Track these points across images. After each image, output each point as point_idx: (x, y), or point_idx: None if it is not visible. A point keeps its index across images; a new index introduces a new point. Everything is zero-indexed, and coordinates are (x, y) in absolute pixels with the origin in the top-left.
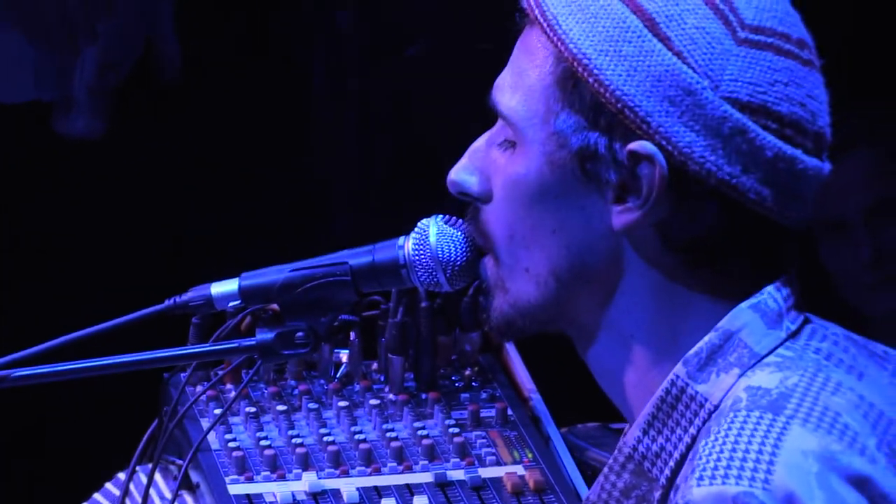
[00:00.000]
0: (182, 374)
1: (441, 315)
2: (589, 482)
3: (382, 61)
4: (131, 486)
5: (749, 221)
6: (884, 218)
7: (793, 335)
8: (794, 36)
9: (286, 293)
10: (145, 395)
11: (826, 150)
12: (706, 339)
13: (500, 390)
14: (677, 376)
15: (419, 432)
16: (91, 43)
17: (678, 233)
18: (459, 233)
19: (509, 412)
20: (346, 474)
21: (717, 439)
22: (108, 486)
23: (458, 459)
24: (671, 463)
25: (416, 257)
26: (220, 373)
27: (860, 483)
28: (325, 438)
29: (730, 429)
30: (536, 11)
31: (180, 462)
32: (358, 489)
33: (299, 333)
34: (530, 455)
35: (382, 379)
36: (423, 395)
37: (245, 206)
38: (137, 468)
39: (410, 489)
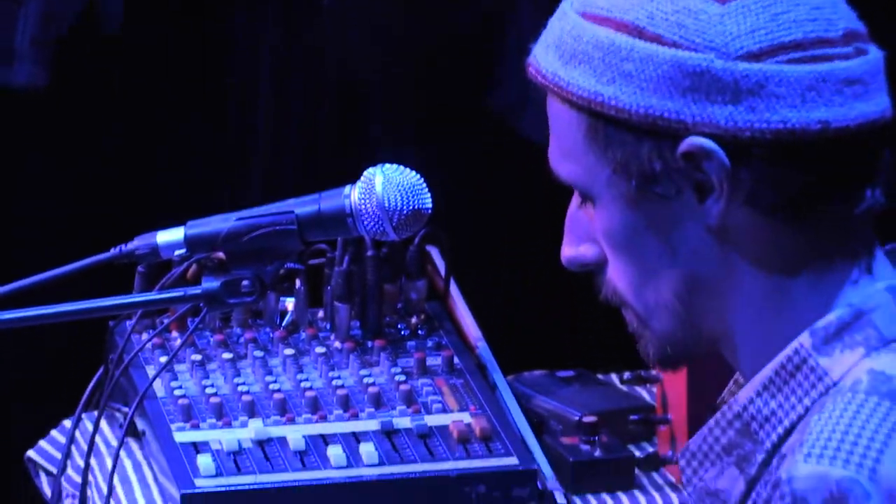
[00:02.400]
0: (127, 323)
1: (387, 263)
2: (535, 429)
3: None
4: (77, 434)
5: (824, 152)
6: None
7: None
8: None
9: (232, 242)
10: (91, 343)
11: (865, 40)
12: (836, 313)
13: (447, 338)
14: (802, 345)
15: (365, 380)
16: None
17: (766, 200)
18: (406, 182)
19: (455, 360)
20: (292, 422)
21: (831, 417)
22: (54, 433)
23: (404, 407)
24: (779, 429)
25: (363, 206)
26: (166, 321)
27: None
28: (270, 386)
29: (845, 409)
30: (539, 78)
31: (126, 409)
32: (304, 437)
33: (245, 282)
34: (476, 403)
35: (328, 327)
36: (370, 343)
37: (181, 157)
38: (83, 415)
39: (357, 437)
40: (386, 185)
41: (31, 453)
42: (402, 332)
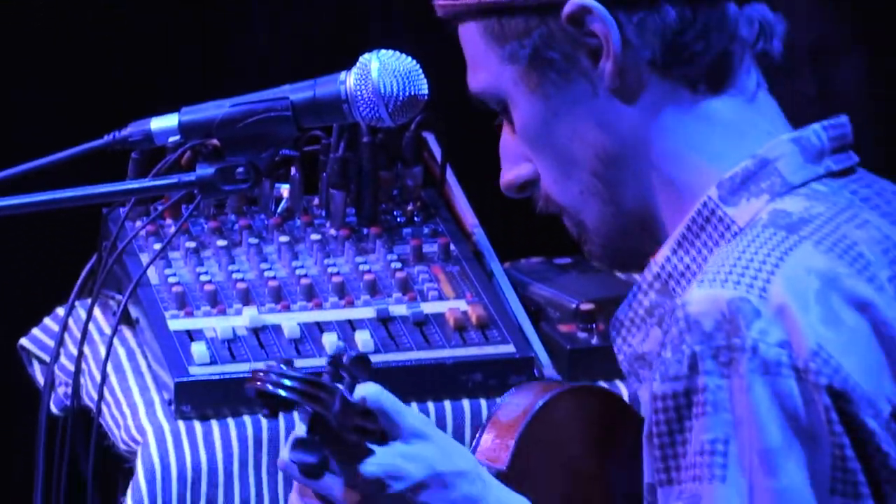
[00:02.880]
0: (121, 210)
1: (383, 150)
2: (532, 317)
3: None
4: (70, 321)
5: (708, 16)
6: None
7: (833, 175)
8: None
9: (226, 128)
10: (84, 231)
11: None
12: (742, 164)
13: (443, 225)
14: (710, 198)
15: (361, 267)
16: None
17: (652, 47)
18: (402, 67)
19: (452, 247)
20: (287, 309)
21: (728, 250)
22: (47, 320)
23: (400, 295)
24: (692, 280)
25: (358, 92)
26: (160, 208)
27: (862, 307)
28: (265, 273)
29: (740, 242)
30: (441, 11)
31: (120, 297)
32: (299, 324)
33: (240, 168)
34: (473, 290)
35: (324, 214)
36: (365, 231)
37: (175, 40)
38: (77, 303)
39: (352, 324)
40: (382, 70)
41: (23, 341)
42: (398, 220)
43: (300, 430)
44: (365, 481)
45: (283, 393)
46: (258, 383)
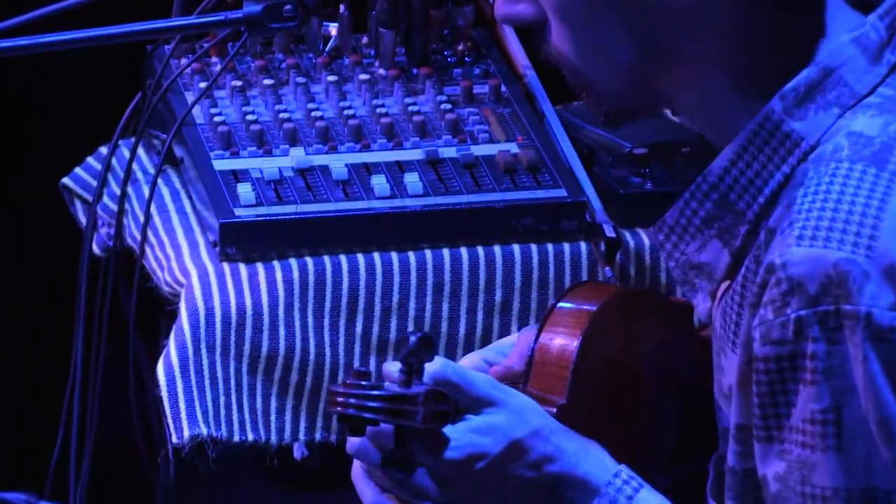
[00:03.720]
0: (166, 47)
1: None
2: (584, 160)
3: None
4: (113, 161)
5: None
6: None
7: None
8: None
9: None
10: (129, 68)
11: None
12: (804, 73)
13: (494, 66)
14: (773, 109)
15: (410, 108)
16: None
17: None
18: None
19: (503, 88)
20: (334, 150)
21: (818, 193)
22: (90, 160)
23: (449, 136)
24: (760, 199)
25: None
26: (206, 45)
27: None
28: (313, 114)
29: (832, 182)
30: None
31: (164, 136)
32: (347, 165)
33: (287, 6)
34: (524, 133)
35: (373, 53)
36: (415, 71)
37: None
38: (120, 142)
39: (401, 166)
40: None
41: (66, 180)
42: (449, 60)
43: (384, 439)
44: (449, 466)
45: (368, 415)
46: (339, 408)
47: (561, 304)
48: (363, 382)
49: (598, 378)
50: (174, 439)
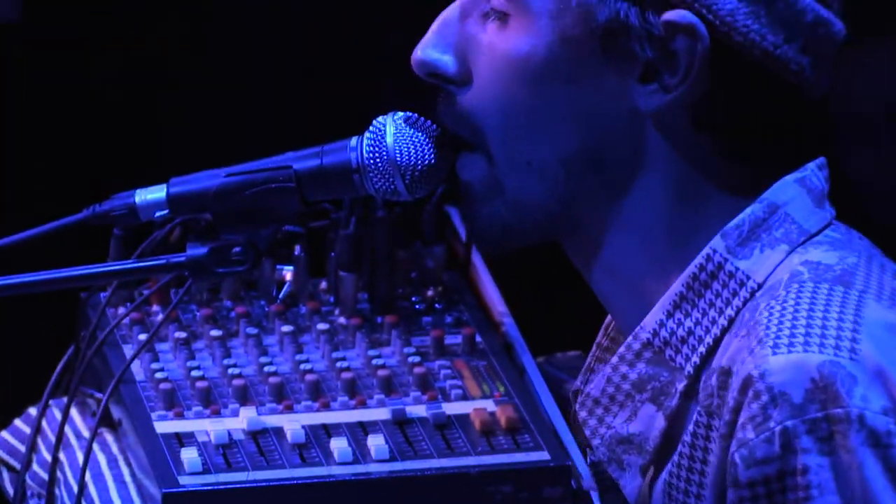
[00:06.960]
0: (102, 294)
1: (400, 226)
2: (569, 419)
3: None
4: (44, 423)
5: (786, 96)
6: None
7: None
8: None
9: (221, 201)
10: (60, 318)
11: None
12: (748, 210)
13: (468, 313)
14: (714, 250)
15: (374, 361)
16: None
17: (714, 114)
18: (421, 133)
19: (478, 339)
20: (290, 410)
21: (784, 309)
22: (18, 422)
23: (418, 393)
24: (701, 349)
25: (371, 161)
26: (146, 293)
27: None
28: (265, 369)
29: (799, 299)
30: None
31: (100, 395)
32: (304, 427)
33: (236, 248)
34: (502, 388)
35: (332, 300)
36: (379, 319)
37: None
38: (51, 402)
39: (364, 427)
40: (398, 135)
41: None
42: (417, 307)
43: None
44: None
45: None
46: None
47: None
48: None
49: None
50: None
